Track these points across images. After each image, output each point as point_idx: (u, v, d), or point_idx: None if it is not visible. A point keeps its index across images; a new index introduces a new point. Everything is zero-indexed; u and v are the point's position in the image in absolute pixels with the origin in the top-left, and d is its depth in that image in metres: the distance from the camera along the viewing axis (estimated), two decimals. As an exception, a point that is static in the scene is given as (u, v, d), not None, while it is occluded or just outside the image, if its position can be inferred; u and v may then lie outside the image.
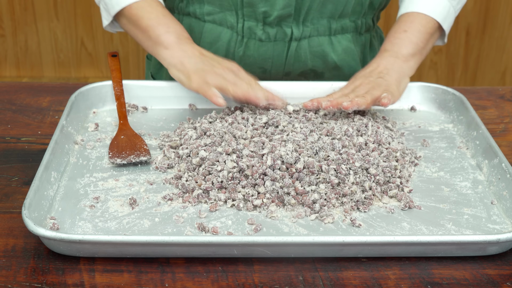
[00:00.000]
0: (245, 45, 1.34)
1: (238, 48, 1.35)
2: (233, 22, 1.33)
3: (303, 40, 1.34)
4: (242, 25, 1.33)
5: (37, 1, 3.01)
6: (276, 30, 1.32)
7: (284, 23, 1.32)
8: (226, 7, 1.32)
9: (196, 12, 1.36)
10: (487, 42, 3.08)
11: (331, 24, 1.34)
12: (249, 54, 1.35)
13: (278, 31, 1.33)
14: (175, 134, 1.16)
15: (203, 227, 0.93)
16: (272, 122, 1.12)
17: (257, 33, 1.33)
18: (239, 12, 1.32)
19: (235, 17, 1.33)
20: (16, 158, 1.12)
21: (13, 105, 1.30)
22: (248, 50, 1.35)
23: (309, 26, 1.33)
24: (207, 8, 1.34)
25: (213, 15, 1.34)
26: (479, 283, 0.87)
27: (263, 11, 1.30)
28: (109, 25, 1.33)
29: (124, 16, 1.28)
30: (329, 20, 1.34)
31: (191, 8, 1.36)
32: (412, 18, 1.30)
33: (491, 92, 1.41)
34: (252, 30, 1.33)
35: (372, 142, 1.09)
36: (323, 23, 1.34)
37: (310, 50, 1.35)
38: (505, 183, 1.01)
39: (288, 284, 0.86)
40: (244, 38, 1.34)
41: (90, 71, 3.18)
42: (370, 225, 0.95)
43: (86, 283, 0.85)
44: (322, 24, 1.34)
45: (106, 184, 1.03)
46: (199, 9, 1.35)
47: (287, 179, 0.99)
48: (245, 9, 1.31)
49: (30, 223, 0.87)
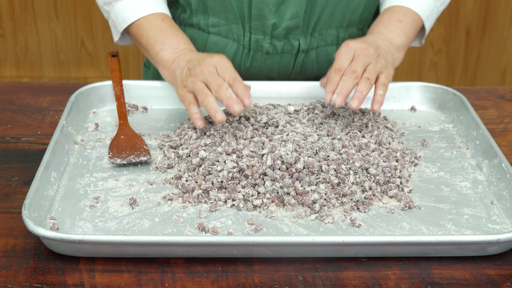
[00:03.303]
0: (252, 57, 1.32)
1: (244, 60, 1.32)
2: (240, 35, 1.30)
3: (311, 51, 1.33)
4: (249, 38, 1.30)
5: (37, 1, 3.01)
6: (283, 43, 1.30)
7: (291, 35, 1.29)
8: (232, 19, 1.29)
9: (200, 24, 1.32)
10: (487, 42, 3.08)
11: (339, 33, 1.33)
12: (255, 65, 1.33)
13: (286, 44, 1.30)
14: (175, 134, 1.16)
15: (203, 227, 0.93)
16: (272, 122, 1.12)
17: (264, 46, 1.30)
18: (246, 25, 1.29)
19: (241, 30, 1.30)
20: (16, 158, 1.12)
21: (13, 105, 1.30)
22: (254, 62, 1.33)
23: (316, 37, 1.31)
24: (212, 19, 1.31)
25: (218, 27, 1.31)
26: (479, 283, 0.87)
27: (272, 23, 1.27)
28: (120, 39, 1.32)
29: (130, 33, 1.29)
30: (337, 30, 1.32)
31: (195, 19, 1.33)
32: (405, 11, 1.29)
33: (491, 92, 1.41)
34: (259, 43, 1.30)
35: (372, 142, 1.09)
36: (331, 33, 1.32)
37: (317, 59, 1.34)
38: (505, 183, 1.01)
39: (288, 284, 0.86)
40: (250, 51, 1.31)
41: (90, 71, 3.18)
42: (370, 225, 0.95)
43: (86, 283, 0.85)
44: (330, 34, 1.32)
45: (106, 184, 1.03)
46: (203, 20, 1.32)
47: (287, 179, 0.99)
48: (253, 22, 1.28)
49: (30, 223, 0.87)
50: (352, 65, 1.11)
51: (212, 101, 1.06)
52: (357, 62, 1.12)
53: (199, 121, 1.09)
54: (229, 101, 1.05)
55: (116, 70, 1.27)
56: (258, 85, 1.29)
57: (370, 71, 1.12)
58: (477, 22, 3.03)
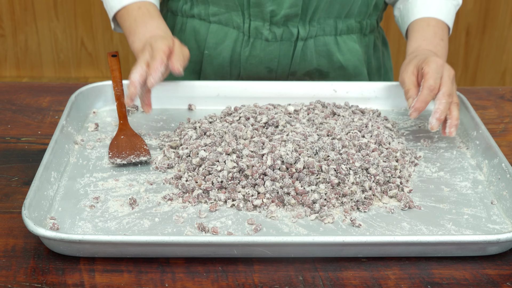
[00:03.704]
0: (251, 45, 1.35)
1: (244, 48, 1.35)
2: (239, 22, 1.34)
3: (309, 39, 1.35)
4: (249, 25, 1.33)
5: (37, 1, 3.01)
6: (282, 30, 1.33)
7: (290, 23, 1.32)
8: (232, 7, 1.33)
9: (201, 14, 1.36)
10: (487, 42, 3.08)
11: (337, 24, 1.35)
12: (255, 54, 1.35)
13: (285, 30, 1.33)
14: (175, 134, 1.16)
15: (203, 227, 0.93)
16: (272, 122, 1.12)
17: (263, 33, 1.33)
18: (245, 12, 1.32)
19: (241, 17, 1.33)
20: (16, 158, 1.12)
21: (13, 105, 1.30)
22: (254, 50, 1.35)
23: (315, 25, 1.34)
24: (212, 9, 1.35)
25: (219, 16, 1.35)
26: (479, 283, 0.87)
27: (270, 10, 1.30)
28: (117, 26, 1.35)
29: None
30: (336, 20, 1.35)
31: (196, 10, 1.37)
32: (442, 26, 1.30)
33: (491, 92, 1.41)
34: (259, 30, 1.33)
35: (372, 142, 1.09)
36: (330, 23, 1.35)
37: (316, 49, 1.36)
38: (505, 183, 1.01)
39: (288, 284, 0.86)
40: (250, 38, 1.35)
41: (90, 71, 3.18)
42: (370, 225, 0.95)
43: (86, 283, 0.85)
44: (328, 24, 1.35)
45: (106, 184, 1.03)
46: (204, 10, 1.36)
47: (287, 179, 0.99)
48: (252, 9, 1.31)
49: (30, 223, 0.87)
50: (447, 87, 1.12)
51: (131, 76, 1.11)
52: (450, 85, 1.13)
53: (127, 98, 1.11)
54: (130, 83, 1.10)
55: (116, 70, 1.27)
56: (258, 85, 1.29)
57: (456, 96, 1.15)
58: (477, 22, 3.04)
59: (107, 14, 3.02)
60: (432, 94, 1.11)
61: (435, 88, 1.11)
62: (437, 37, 1.28)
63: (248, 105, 1.22)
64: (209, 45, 1.37)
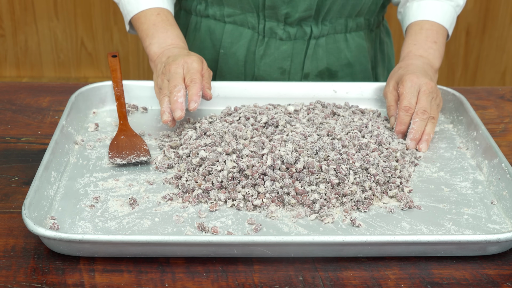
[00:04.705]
0: (266, 44, 1.37)
1: (259, 47, 1.38)
2: (254, 23, 1.36)
3: (321, 38, 1.38)
4: (264, 26, 1.36)
5: (37, 1, 3.01)
6: (296, 29, 1.36)
7: (304, 22, 1.35)
8: (247, 9, 1.35)
9: (216, 15, 1.38)
10: (487, 42, 3.08)
11: (348, 22, 1.38)
12: (269, 52, 1.38)
13: (298, 30, 1.36)
14: (175, 134, 1.16)
15: (203, 227, 0.93)
16: (272, 122, 1.12)
17: (278, 32, 1.36)
18: (260, 14, 1.35)
19: (256, 18, 1.36)
20: (16, 158, 1.12)
21: (13, 105, 1.30)
22: (268, 49, 1.38)
23: (327, 25, 1.37)
24: (227, 10, 1.37)
25: (234, 17, 1.37)
26: (479, 283, 0.87)
27: (285, 13, 1.33)
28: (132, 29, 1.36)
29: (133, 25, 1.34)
30: (346, 19, 1.38)
31: (211, 11, 1.39)
32: (436, 29, 1.31)
33: (491, 92, 1.41)
34: (273, 30, 1.36)
35: (372, 142, 1.09)
36: (341, 22, 1.38)
37: (326, 47, 1.39)
38: (505, 183, 1.01)
39: (288, 284, 0.86)
40: (265, 37, 1.37)
41: (90, 71, 3.18)
42: (370, 225, 0.95)
43: (86, 283, 0.85)
44: (339, 23, 1.38)
45: (106, 184, 1.03)
46: (219, 11, 1.38)
47: (287, 179, 0.99)
48: (267, 11, 1.34)
49: (30, 223, 0.87)
50: (421, 104, 1.15)
51: (165, 101, 1.12)
52: (425, 101, 1.15)
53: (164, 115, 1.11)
54: (174, 105, 1.10)
55: (116, 70, 1.27)
56: (258, 85, 1.29)
57: (433, 109, 1.16)
58: (477, 22, 3.03)
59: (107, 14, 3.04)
60: (408, 114, 1.15)
61: (411, 108, 1.15)
62: (429, 40, 1.29)
63: (248, 105, 1.22)
64: (224, 44, 1.39)
